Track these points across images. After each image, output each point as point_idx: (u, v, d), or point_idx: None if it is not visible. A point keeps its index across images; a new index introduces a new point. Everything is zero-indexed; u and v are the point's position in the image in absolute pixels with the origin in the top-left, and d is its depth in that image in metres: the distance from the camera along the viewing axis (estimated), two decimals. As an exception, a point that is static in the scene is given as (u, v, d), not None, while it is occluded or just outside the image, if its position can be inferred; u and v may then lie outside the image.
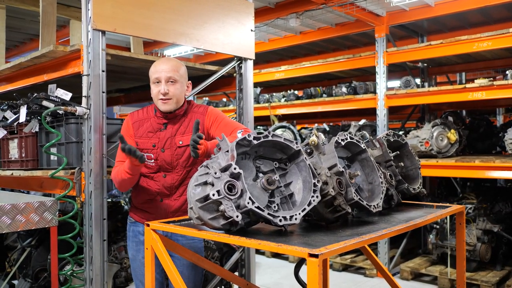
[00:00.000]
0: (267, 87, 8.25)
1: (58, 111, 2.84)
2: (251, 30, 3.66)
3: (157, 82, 2.48)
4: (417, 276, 5.41)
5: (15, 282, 3.86)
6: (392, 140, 2.61)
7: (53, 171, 2.80)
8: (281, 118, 7.28)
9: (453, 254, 4.99)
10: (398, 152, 2.60)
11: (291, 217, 1.76)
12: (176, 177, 2.53)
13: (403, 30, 6.29)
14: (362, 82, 6.13)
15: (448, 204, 2.63)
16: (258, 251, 6.11)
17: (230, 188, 1.75)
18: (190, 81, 2.63)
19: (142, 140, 2.53)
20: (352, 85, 6.14)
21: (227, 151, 1.85)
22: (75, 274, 3.03)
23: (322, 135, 2.17)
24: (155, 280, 2.19)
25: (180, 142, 2.52)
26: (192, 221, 1.89)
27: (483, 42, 4.77)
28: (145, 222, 2.15)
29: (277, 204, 1.90)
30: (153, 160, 2.52)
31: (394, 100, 5.52)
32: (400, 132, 6.32)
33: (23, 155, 3.27)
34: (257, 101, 7.15)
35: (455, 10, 5.12)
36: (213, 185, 1.78)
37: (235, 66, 3.69)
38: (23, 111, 2.95)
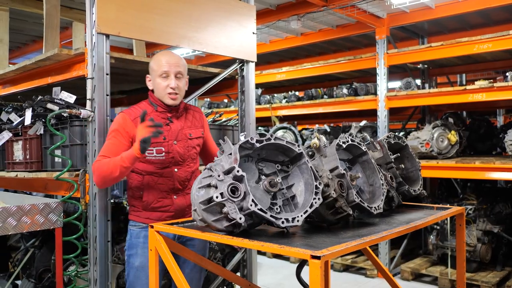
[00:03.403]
0: (268, 88, 8.28)
1: (62, 113, 2.87)
2: (253, 33, 3.68)
3: (165, 76, 2.46)
4: (417, 276, 5.43)
5: (19, 282, 3.89)
6: (392, 142, 2.64)
7: (58, 173, 2.83)
8: (282, 119, 7.31)
9: (454, 255, 5.01)
10: (398, 154, 2.63)
11: (293, 219, 1.79)
12: (188, 170, 2.53)
13: (403, 32, 6.32)
14: (363, 83, 6.16)
15: (448, 206, 2.66)
16: (259, 252, 6.13)
17: (233, 190, 1.78)
18: (188, 76, 2.65)
19: None
20: (353, 86, 6.17)
21: (230, 153, 1.88)
22: (79, 275, 3.06)
23: (323, 138, 2.20)
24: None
25: (190, 135, 2.55)
26: (195, 222, 1.92)
27: (483, 44, 4.80)
28: (149, 224, 2.17)
29: (279, 206, 1.93)
30: (163, 154, 2.47)
31: (395, 101, 5.54)
32: (401, 133, 6.36)
33: (28, 157, 3.30)
34: (258, 102, 7.18)
35: (456, 12, 5.15)
36: (216, 187, 1.81)
37: (237, 68, 3.72)
38: (28, 113, 2.98)
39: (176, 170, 2.50)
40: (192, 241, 2.60)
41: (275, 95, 7.25)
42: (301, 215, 1.82)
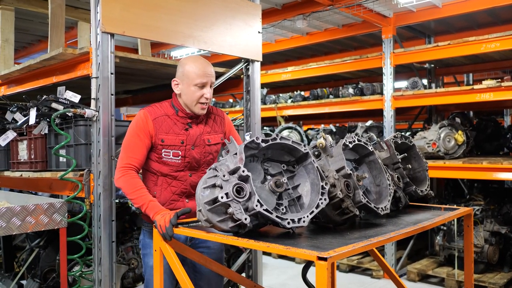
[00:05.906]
0: (274, 88, 8.26)
1: (67, 113, 2.86)
2: (259, 32, 3.66)
3: (201, 86, 2.41)
4: (424, 277, 5.39)
5: (24, 282, 3.89)
6: (399, 142, 2.61)
7: (63, 172, 2.82)
8: (288, 119, 7.28)
9: (461, 256, 4.97)
10: (405, 154, 2.60)
11: (299, 219, 1.77)
12: (203, 175, 2.50)
13: (410, 31, 6.28)
14: (369, 83, 6.12)
15: (456, 207, 2.62)
16: (264, 252, 6.11)
17: (239, 190, 1.76)
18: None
19: (169, 137, 2.43)
20: (359, 86, 6.13)
21: (236, 153, 1.86)
22: (84, 275, 3.05)
23: (329, 137, 2.17)
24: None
25: (209, 141, 2.51)
26: (200, 223, 1.90)
27: (491, 43, 4.75)
28: (154, 224, 2.16)
29: (285, 207, 1.91)
30: (179, 157, 2.44)
31: (401, 101, 5.50)
32: (407, 133, 6.32)
33: (32, 156, 3.30)
34: (263, 102, 7.16)
35: (463, 11, 5.10)
36: (221, 187, 1.79)
37: (242, 68, 3.70)
38: (33, 113, 2.97)
39: (190, 175, 2.48)
40: (205, 243, 2.56)
41: (281, 95, 7.22)
42: (307, 216, 1.79)
